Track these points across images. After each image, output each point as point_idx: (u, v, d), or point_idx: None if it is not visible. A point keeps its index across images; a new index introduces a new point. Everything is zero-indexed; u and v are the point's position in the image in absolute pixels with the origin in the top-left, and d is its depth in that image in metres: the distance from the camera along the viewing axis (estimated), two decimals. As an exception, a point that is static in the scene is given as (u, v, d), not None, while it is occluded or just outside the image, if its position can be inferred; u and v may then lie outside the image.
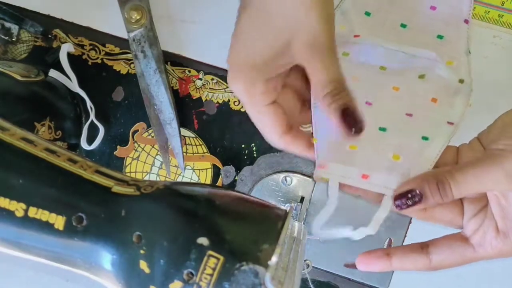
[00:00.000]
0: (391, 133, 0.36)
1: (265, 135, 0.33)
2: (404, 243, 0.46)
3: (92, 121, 0.47)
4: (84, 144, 0.47)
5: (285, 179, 0.46)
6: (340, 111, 0.30)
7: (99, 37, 0.48)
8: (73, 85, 0.47)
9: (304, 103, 0.34)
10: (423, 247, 0.33)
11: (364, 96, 0.37)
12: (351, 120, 0.31)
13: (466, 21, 0.41)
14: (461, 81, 0.39)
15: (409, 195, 0.31)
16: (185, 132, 0.48)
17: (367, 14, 0.41)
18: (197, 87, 0.47)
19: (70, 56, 0.48)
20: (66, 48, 0.47)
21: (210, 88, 0.47)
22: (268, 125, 0.32)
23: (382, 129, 0.37)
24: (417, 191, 0.31)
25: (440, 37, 0.40)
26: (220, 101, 0.47)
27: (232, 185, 0.48)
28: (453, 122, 0.38)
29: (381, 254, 0.35)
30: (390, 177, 0.34)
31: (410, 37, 0.40)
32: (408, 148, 0.36)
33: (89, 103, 0.47)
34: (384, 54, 0.39)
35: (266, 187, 0.47)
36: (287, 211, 0.26)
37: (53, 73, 0.47)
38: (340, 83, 0.30)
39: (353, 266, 0.38)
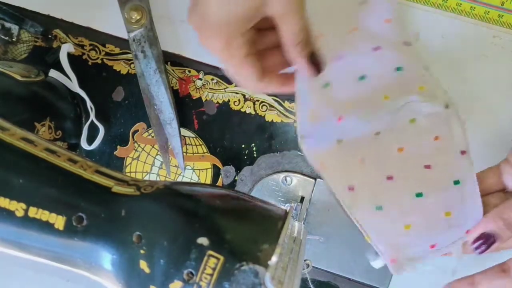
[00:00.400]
0: (428, 194, 0.38)
1: (243, 83, 0.35)
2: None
3: (92, 121, 0.47)
4: (84, 144, 0.47)
5: (285, 179, 0.46)
6: (309, 57, 0.35)
7: (99, 37, 0.48)
8: (73, 85, 0.47)
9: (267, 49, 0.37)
10: (505, 270, 0.35)
11: (382, 172, 0.39)
12: (318, 64, 0.36)
13: (408, 43, 0.41)
14: (446, 106, 0.39)
15: (484, 238, 0.35)
16: (185, 132, 0.48)
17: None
18: (197, 87, 0.47)
19: (70, 56, 0.48)
20: (66, 48, 0.47)
21: (210, 88, 0.47)
22: (247, 75, 0.34)
23: (419, 195, 0.39)
24: (489, 233, 0.35)
25: (399, 69, 0.40)
26: (220, 101, 0.47)
27: (232, 185, 0.48)
28: (465, 150, 0.39)
29: (465, 285, 0.37)
30: (452, 232, 0.37)
31: (374, 88, 0.41)
32: (450, 199, 0.38)
33: (89, 103, 0.47)
34: (370, 123, 0.39)
35: (266, 187, 0.47)
36: (287, 211, 0.26)
37: (53, 73, 0.47)
38: (308, 32, 0.34)
39: None
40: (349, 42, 0.41)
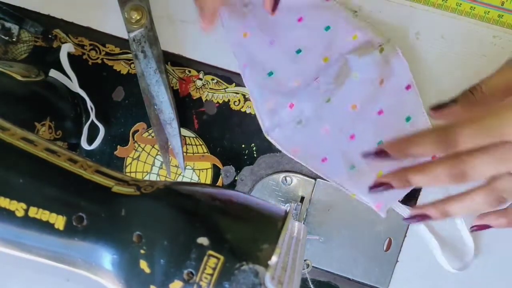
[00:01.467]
0: (387, 139, 0.40)
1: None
2: (404, 244, 0.46)
3: (92, 121, 0.47)
4: (84, 144, 0.47)
5: (285, 179, 0.47)
6: None
7: (99, 37, 0.48)
8: (74, 85, 0.47)
9: None
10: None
11: (345, 134, 0.42)
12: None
13: None
14: (381, 50, 0.42)
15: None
16: (185, 132, 0.48)
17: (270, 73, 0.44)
18: (197, 87, 0.47)
19: (70, 56, 0.48)
20: (66, 48, 0.47)
21: (210, 88, 0.47)
22: None
23: (379, 142, 0.42)
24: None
25: (327, 28, 0.43)
26: (220, 101, 0.47)
27: (232, 185, 0.48)
28: (409, 84, 0.43)
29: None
30: None
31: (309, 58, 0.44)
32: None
33: (89, 103, 0.47)
34: (319, 91, 0.43)
35: (266, 187, 0.47)
36: (287, 211, 0.26)
37: (53, 73, 0.47)
38: None
39: None
40: (273, 22, 0.43)
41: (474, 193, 0.35)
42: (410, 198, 0.45)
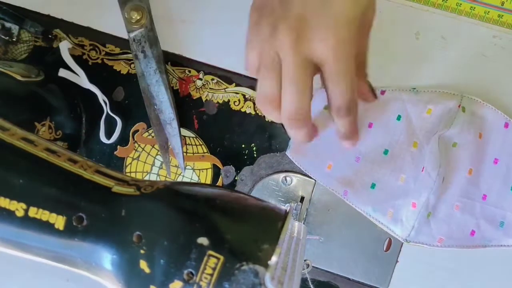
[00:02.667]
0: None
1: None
2: (404, 244, 0.46)
3: (107, 114, 0.47)
4: (103, 138, 0.47)
5: (285, 179, 0.46)
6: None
7: (99, 37, 0.48)
8: (82, 80, 0.47)
9: None
10: None
11: (471, 196, 0.43)
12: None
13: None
14: (463, 109, 0.43)
15: None
16: (185, 132, 0.48)
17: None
18: (197, 87, 0.47)
19: (70, 56, 0.48)
20: (65, 46, 0.47)
21: (210, 88, 0.47)
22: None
23: None
24: None
25: (399, 118, 0.43)
26: (220, 101, 0.47)
27: (232, 185, 0.48)
28: (507, 123, 0.43)
29: None
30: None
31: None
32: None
33: (101, 97, 0.47)
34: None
35: (266, 187, 0.47)
36: (287, 211, 0.26)
37: (62, 73, 0.47)
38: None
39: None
40: None
41: None
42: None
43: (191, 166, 0.48)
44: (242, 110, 0.47)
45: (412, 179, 0.42)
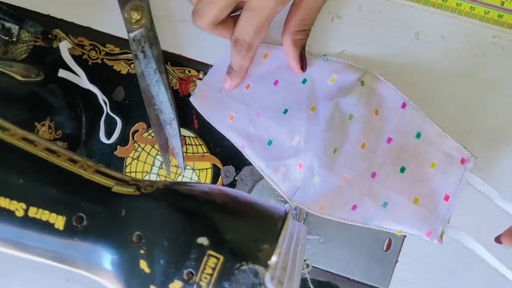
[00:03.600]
0: (408, 164, 0.42)
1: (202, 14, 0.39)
2: (404, 244, 0.46)
3: (107, 114, 0.47)
4: (103, 138, 0.47)
5: (285, 179, 0.46)
6: (301, 50, 0.43)
7: (99, 37, 0.48)
8: (83, 80, 0.47)
9: None
10: None
11: (364, 177, 0.42)
12: (304, 62, 0.43)
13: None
14: (362, 82, 0.42)
15: None
16: (185, 132, 0.48)
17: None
18: (197, 87, 0.47)
19: (70, 56, 0.48)
20: (65, 46, 0.47)
21: (210, 88, 0.47)
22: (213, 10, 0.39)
23: (403, 170, 0.42)
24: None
25: (304, 81, 0.44)
26: (220, 101, 0.47)
27: (232, 185, 0.48)
28: (404, 103, 0.43)
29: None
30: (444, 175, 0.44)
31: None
32: (424, 152, 0.43)
33: (101, 97, 0.47)
34: (324, 141, 0.42)
35: (266, 187, 0.47)
36: (287, 211, 0.26)
37: (62, 73, 0.47)
38: (310, 25, 0.43)
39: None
40: (252, 95, 0.45)
41: None
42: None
43: (191, 166, 0.48)
44: (242, 110, 0.47)
45: (304, 141, 0.41)
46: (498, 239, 0.41)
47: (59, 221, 0.23)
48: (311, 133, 0.41)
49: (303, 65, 0.43)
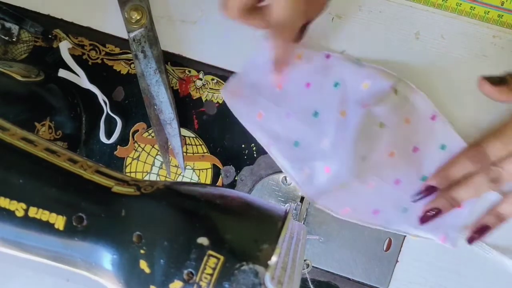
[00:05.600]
0: (430, 173, 0.43)
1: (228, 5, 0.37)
2: (404, 244, 0.46)
3: (107, 115, 0.47)
4: (103, 138, 0.47)
5: (285, 179, 0.46)
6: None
7: (99, 37, 0.48)
8: (83, 80, 0.47)
9: None
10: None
11: (390, 184, 0.43)
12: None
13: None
14: (395, 90, 0.43)
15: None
16: (185, 132, 0.48)
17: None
18: (197, 87, 0.47)
19: (70, 56, 0.48)
20: (65, 46, 0.47)
21: (210, 88, 0.47)
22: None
23: (424, 178, 0.43)
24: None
25: (336, 85, 0.44)
26: (220, 101, 0.47)
27: (232, 185, 0.48)
28: (434, 115, 0.43)
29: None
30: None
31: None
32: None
33: (101, 97, 0.47)
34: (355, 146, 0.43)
35: (266, 187, 0.47)
36: (287, 211, 0.26)
37: (62, 73, 0.47)
38: (291, 18, 0.36)
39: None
40: (283, 95, 0.44)
41: (474, 175, 0.40)
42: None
43: (191, 166, 0.48)
44: (242, 110, 0.47)
45: (332, 146, 0.42)
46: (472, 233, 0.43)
47: (59, 221, 0.23)
48: (340, 138, 0.41)
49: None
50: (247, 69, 0.44)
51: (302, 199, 0.46)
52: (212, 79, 0.47)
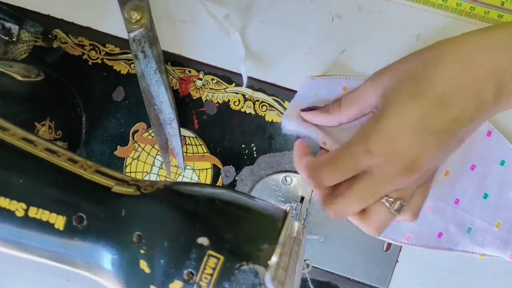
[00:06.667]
0: (491, 191, 0.43)
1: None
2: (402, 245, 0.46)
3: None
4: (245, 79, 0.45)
5: (285, 179, 0.46)
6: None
7: (99, 37, 0.48)
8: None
9: None
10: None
11: (448, 204, 0.43)
12: None
13: None
14: None
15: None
16: (185, 132, 0.48)
17: None
18: (197, 87, 0.47)
19: (70, 56, 0.48)
20: None
21: (210, 88, 0.47)
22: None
23: (485, 196, 0.43)
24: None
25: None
26: (220, 101, 0.47)
27: (232, 185, 0.48)
28: (489, 131, 0.43)
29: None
30: None
31: None
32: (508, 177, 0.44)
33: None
34: None
35: (266, 187, 0.47)
36: (287, 211, 0.26)
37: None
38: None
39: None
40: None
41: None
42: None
43: (191, 166, 0.48)
44: (242, 110, 0.47)
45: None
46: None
47: (59, 221, 0.23)
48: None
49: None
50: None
51: (302, 199, 0.46)
52: (212, 79, 0.47)
